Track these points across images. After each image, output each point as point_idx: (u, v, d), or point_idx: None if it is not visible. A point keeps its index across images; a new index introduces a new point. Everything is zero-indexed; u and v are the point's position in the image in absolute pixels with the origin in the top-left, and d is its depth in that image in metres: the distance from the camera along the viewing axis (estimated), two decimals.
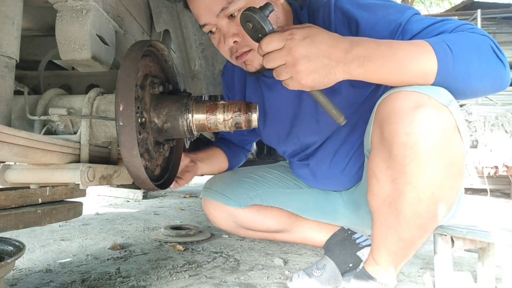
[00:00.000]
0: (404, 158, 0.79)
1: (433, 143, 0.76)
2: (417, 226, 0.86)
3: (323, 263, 1.21)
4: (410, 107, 0.77)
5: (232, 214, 1.33)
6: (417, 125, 0.76)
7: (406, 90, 0.79)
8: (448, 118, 0.77)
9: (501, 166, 4.24)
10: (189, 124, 0.88)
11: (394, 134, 0.79)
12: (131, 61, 0.77)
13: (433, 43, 0.77)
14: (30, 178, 0.80)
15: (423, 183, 0.80)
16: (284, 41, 0.73)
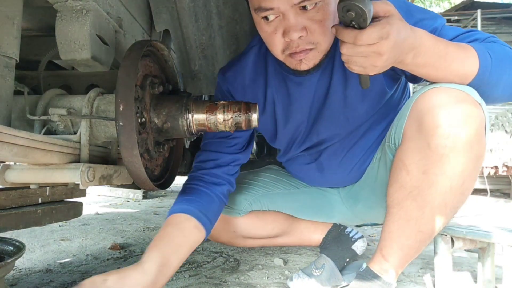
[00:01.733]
0: (443, 148, 0.83)
1: (471, 136, 0.82)
2: (439, 217, 0.89)
3: (321, 262, 1.21)
4: (452, 101, 0.82)
5: (232, 224, 1.29)
6: (459, 118, 0.81)
7: (446, 86, 0.85)
8: (482, 115, 0.83)
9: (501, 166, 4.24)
10: (189, 124, 0.88)
11: (437, 125, 0.83)
12: (131, 61, 0.77)
13: (478, 49, 0.83)
14: (30, 178, 0.80)
15: (456, 173, 0.85)
16: (379, 39, 0.70)
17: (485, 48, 0.84)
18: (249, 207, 1.29)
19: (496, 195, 4.87)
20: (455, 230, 1.08)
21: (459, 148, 0.82)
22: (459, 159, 0.83)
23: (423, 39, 0.78)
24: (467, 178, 0.86)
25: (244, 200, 1.28)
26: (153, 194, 3.94)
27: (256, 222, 1.31)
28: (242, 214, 1.29)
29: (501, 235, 1.01)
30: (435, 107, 0.84)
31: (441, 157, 0.84)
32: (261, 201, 1.31)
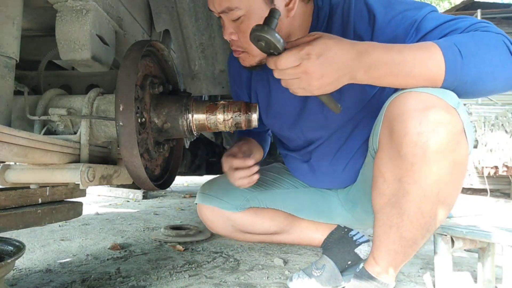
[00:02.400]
0: (413, 157, 0.81)
1: (442, 143, 0.78)
2: (420, 225, 0.86)
3: (322, 263, 1.21)
4: (421, 107, 0.78)
5: (229, 218, 1.32)
6: (428, 125, 0.78)
7: (416, 91, 0.80)
8: (456, 120, 0.79)
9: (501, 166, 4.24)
10: (189, 124, 0.88)
11: (405, 133, 0.81)
12: (131, 61, 0.77)
13: (443, 46, 0.78)
14: (30, 178, 0.80)
15: (429, 182, 0.81)
16: (300, 60, 0.75)
17: (453, 43, 0.78)
18: (247, 203, 1.31)
19: (496, 195, 4.87)
20: (455, 230, 1.08)
21: (430, 157, 0.79)
22: (430, 168, 0.80)
23: (369, 51, 0.78)
24: (444, 187, 0.82)
25: (241, 196, 1.31)
26: (153, 194, 3.94)
27: (254, 219, 1.33)
28: (240, 210, 1.31)
29: (501, 235, 1.01)
30: (404, 113, 0.81)
31: (411, 166, 0.81)
32: (259, 198, 1.32)
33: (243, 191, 1.31)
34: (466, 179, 5.07)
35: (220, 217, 1.33)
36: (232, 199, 1.30)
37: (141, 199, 3.67)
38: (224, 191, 1.32)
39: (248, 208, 1.32)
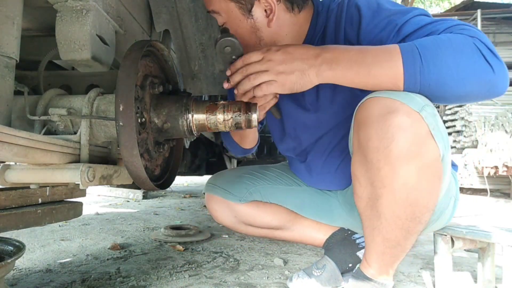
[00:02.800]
0: (378, 162, 0.83)
1: (404, 148, 0.79)
2: (399, 227, 0.87)
3: (323, 263, 1.21)
4: (383, 113, 0.80)
5: (232, 209, 1.34)
6: (388, 130, 0.79)
7: (381, 96, 0.82)
8: (418, 124, 0.79)
9: (501, 166, 4.24)
10: (189, 124, 0.88)
11: (368, 139, 0.83)
12: (131, 61, 0.77)
13: (404, 48, 0.79)
14: (30, 178, 0.80)
15: (397, 186, 0.82)
16: (262, 54, 0.86)
17: (415, 46, 0.79)
18: (250, 196, 1.33)
19: (496, 195, 4.87)
20: (455, 230, 1.08)
21: (393, 162, 0.80)
22: (396, 172, 0.81)
23: (331, 48, 0.84)
24: (413, 191, 0.82)
25: (245, 189, 1.33)
26: (153, 194, 3.94)
27: (256, 212, 1.34)
28: (243, 202, 1.33)
29: (501, 235, 1.01)
30: (367, 119, 0.83)
31: (378, 171, 0.83)
32: (261, 192, 1.34)
33: (247, 184, 1.34)
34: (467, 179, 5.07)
35: (224, 208, 1.35)
36: (237, 191, 1.33)
37: (141, 199, 3.67)
38: (229, 183, 1.35)
39: (251, 201, 1.34)
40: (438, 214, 1.01)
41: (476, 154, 4.75)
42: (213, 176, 1.44)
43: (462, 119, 5.97)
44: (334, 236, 1.29)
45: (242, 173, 1.40)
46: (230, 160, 3.20)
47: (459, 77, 0.78)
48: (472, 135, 5.45)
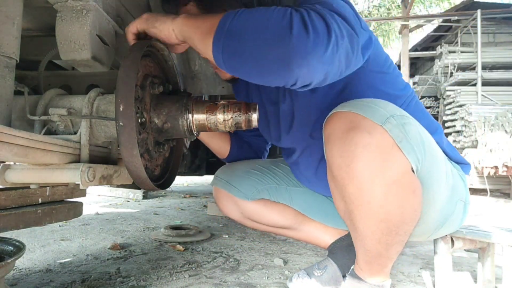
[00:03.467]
0: (343, 180, 0.82)
1: (366, 165, 0.77)
2: (376, 240, 0.87)
3: (324, 264, 1.21)
4: (344, 129, 0.79)
5: (239, 205, 1.34)
6: (349, 148, 0.78)
7: (344, 110, 0.81)
8: (381, 138, 0.77)
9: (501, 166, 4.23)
10: (189, 124, 0.88)
11: (331, 156, 0.83)
12: (131, 61, 0.77)
13: (226, 15, 0.73)
14: (30, 178, 0.80)
15: (364, 202, 0.82)
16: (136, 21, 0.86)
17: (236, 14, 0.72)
18: (258, 194, 1.32)
19: (496, 195, 4.87)
20: (455, 230, 1.08)
21: (358, 179, 0.79)
22: (360, 189, 0.80)
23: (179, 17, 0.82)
24: (380, 207, 0.80)
25: (253, 187, 1.32)
26: (153, 194, 3.94)
27: (263, 211, 1.33)
28: (250, 200, 1.32)
29: (501, 235, 1.01)
30: (330, 135, 0.83)
31: (344, 188, 0.83)
32: (270, 192, 1.33)
33: (255, 182, 1.32)
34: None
35: (231, 203, 1.35)
36: (244, 187, 1.32)
37: (141, 199, 3.67)
38: (237, 179, 1.34)
39: (258, 199, 1.32)
40: (441, 221, 0.98)
41: (476, 154, 4.75)
42: (222, 168, 1.42)
43: (462, 119, 5.97)
44: (341, 240, 1.28)
45: (251, 167, 1.37)
46: None
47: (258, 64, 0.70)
48: (472, 135, 5.45)
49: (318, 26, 0.67)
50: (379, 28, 14.64)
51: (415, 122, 0.86)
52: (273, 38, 0.67)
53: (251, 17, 0.71)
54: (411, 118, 0.85)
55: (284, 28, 0.67)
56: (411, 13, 9.13)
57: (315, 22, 0.67)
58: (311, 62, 0.67)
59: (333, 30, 0.68)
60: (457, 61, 6.87)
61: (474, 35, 6.86)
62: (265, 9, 0.72)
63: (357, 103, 0.82)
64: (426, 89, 8.27)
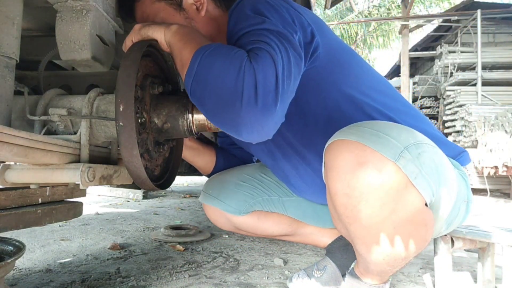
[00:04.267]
0: (347, 219, 0.77)
1: (375, 206, 0.71)
2: (379, 268, 0.86)
3: (323, 264, 1.21)
4: (351, 164, 0.72)
5: (231, 220, 1.30)
6: (355, 188, 0.71)
7: (349, 138, 0.74)
8: (394, 177, 0.70)
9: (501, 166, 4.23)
10: (189, 124, 0.88)
11: (335, 193, 0.76)
12: (131, 62, 0.77)
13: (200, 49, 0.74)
14: (30, 178, 0.80)
15: (370, 242, 0.77)
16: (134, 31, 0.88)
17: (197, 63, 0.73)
18: (250, 208, 1.29)
19: (496, 195, 4.87)
20: (455, 230, 1.08)
21: (363, 222, 0.74)
22: (368, 232, 0.75)
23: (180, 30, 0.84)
24: (389, 246, 0.76)
25: (244, 202, 1.28)
26: (153, 194, 3.94)
27: (257, 223, 1.31)
28: (243, 214, 1.29)
29: (501, 235, 1.01)
30: (333, 169, 0.75)
31: (349, 226, 0.79)
32: (262, 204, 1.30)
33: (246, 196, 1.28)
34: None
35: (222, 218, 1.32)
36: (236, 203, 1.27)
37: (141, 199, 3.67)
38: (227, 194, 1.28)
39: (251, 212, 1.29)
40: (446, 226, 0.97)
41: (476, 154, 4.75)
42: (208, 183, 1.36)
43: (462, 119, 5.98)
44: (339, 240, 1.27)
45: (240, 179, 1.31)
46: None
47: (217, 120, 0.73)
48: (472, 135, 5.45)
49: (268, 88, 0.68)
50: (379, 28, 14.64)
51: (428, 143, 0.79)
52: (227, 101, 0.69)
53: (212, 66, 0.71)
54: (424, 141, 0.78)
55: (236, 93, 0.68)
56: (411, 13, 9.13)
57: (266, 83, 0.68)
58: (260, 129, 0.70)
59: (280, 77, 0.69)
60: (457, 61, 6.87)
61: (474, 35, 6.86)
62: (223, 58, 0.71)
63: (365, 130, 0.74)
64: (426, 89, 8.28)
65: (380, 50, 16.01)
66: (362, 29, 14.48)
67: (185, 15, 0.97)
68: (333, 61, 0.93)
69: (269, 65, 0.69)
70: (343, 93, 0.94)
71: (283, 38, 0.75)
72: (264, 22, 0.79)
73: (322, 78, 0.92)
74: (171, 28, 0.84)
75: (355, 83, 0.96)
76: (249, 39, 0.76)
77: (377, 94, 0.97)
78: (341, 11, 14.21)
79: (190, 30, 0.85)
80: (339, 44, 0.99)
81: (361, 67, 1.01)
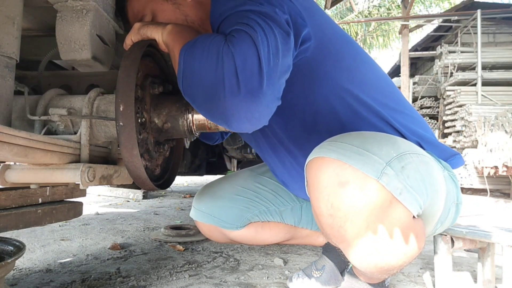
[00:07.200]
0: (334, 238, 0.76)
1: (361, 227, 0.70)
2: (371, 276, 0.87)
3: (322, 264, 1.21)
4: (332, 184, 0.70)
5: (227, 234, 1.27)
6: (339, 209, 0.70)
7: (329, 156, 0.71)
8: (377, 195, 0.68)
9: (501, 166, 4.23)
10: (189, 124, 0.88)
11: (319, 213, 0.74)
12: (131, 61, 0.77)
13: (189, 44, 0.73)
14: (30, 178, 0.80)
15: (358, 258, 0.75)
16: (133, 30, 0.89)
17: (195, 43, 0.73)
18: (247, 221, 1.26)
19: (496, 195, 4.87)
20: (455, 230, 1.08)
21: (350, 241, 0.72)
22: (355, 249, 0.73)
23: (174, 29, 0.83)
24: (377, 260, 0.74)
25: (241, 217, 1.24)
26: (153, 194, 3.94)
27: (255, 235, 1.29)
28: (240, 229, 1.26)
29: (501, 235, 1.01)
30: (315, 189, 0.73)
31: (338, 244, 0.77)
32: (260, 216, 1.28)
33: (242, 211, 1.23)
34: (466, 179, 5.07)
35: (217, 232, 1.27)
36: (232, 219, 1.23)
37: (141, 199, 3.67)
38: (222, 210, 1.23)
39: (248, 224, 1.26)
40: (436, 227, 0.95)
41: (476, 154, 4.75)
42: (200, 197, 1.28)
43: (462, 119, 5.97)
44: None
45: (234, 193, 1.25)
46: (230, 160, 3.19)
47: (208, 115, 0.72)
48: (472, 135, 5.45)
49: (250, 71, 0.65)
50: (379, 28, 14.65)
51: (412, 151, 0.77)
52: (212, 93, 0.67)
53: (194, 59, 0.71)
54: (408, 151, 0.76)
55: (218, 83, 0.66)
56: (411, 13, 9.13)
57: (247, 65, 0.65)
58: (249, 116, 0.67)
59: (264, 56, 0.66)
60: (457, 61, 6.87)
61: (474, 35, 6.86)
62: (202, 48, 0.70)
63: (345, 146, 0.72)
64: (426, 89, 8.28)
65: (380, 50, 16.01)
66: (362, 29, 14.48)
67: (173, 1, 0.95)
68: (324, 52, 0.88)
69: (248, 46, 0.66)
70: (332, 87, 0.90)
71: (266, 17, 0.72)
72: (245, 4, 0.76)
73: (312, 70, 0.88)
74: (166, 28, 0.83)
75: (346, 76, 0.90)
76: (229, 22, 0.74)
77: (369, 89, 0.92)
78: (341, 11, 14.21)
79: (182, 28, 0.84)
80: (334, 32, 0.92)
81: (353, 59, 0.94)
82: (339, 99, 0.89)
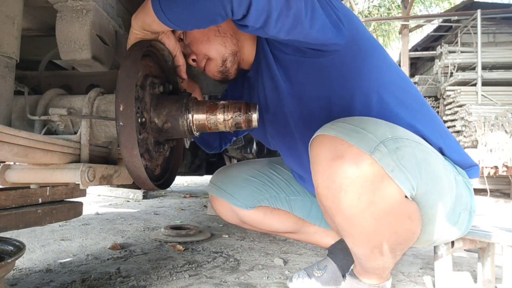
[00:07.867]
0: (330, 210, 0.80)
1: (354, 198, 0.74)
2: (371, 261, 0.87)
3: (324, 264, 1.21)
4: (329, 157, 0.75)
5: (237, 213, 1.31)
6: (334, 180, 0.74)
7: (330, 133, 0.77)
8: (370, 169, 0.72)
9: (501, 166, 4.23)
10: (189, 124, 0.88)
11: (317, 185, 0.80)
12: (131, 61, 0.77)
13: None
14: (30, 178, 0.80)
15: (355, 233, 0.80)
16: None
17: None
18: (257, 203, 1.29)
19: (496, 195, 4.87)
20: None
21: (345, 211, 0.76)
22: (350, 221, 0.77)
23: None
24: (372, 236, 0.79)
25: (252, 197, 1.28)
26: (153, 194, 3.94)
27: (263, 219, 1.31)
28: (250, 209, 1.29)
29: (501, 235, 1.01)
30: (314, 163, 0.79)
31: (333, 217, 0.81)
32: (269, 201, 1.30)
33: (254, 191, 1.28)
34: None
35: (229, 210, 1.32)
36: (243, 197, 1.28)
37: (141, 199, 3.67)
38: (235, 188, 1.29)
39: (258, 206, 1.30)
40: (445, 231, 0.95)
41: (476, 154, 4.75)
42: (217, 174, 1.37)
43: (462, 119, 5.97)
44: (341, 242, 1.27)
45: (249, 174, 1.31)
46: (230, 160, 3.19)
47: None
48: (472, 135, 5.45)
49: None
50: (379, 28, 14.64)
51: (411, 139, 0.81)
52: None
53: None
54: (406, 137, 0.79)
55: None
56: (411, 13, 9.13)
57: None
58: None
59: None
60: (457, 61, 6.86)
61: (474, 35, 6.86)
62: None
63: (345, 125, 0.77)
64: (426, 89, 8.27)
65: None
66: None
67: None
68: (355, 49, 0.92)
69: None
70: (370, 84, 0.93)
71: None
72: None
73: (346, 66, 0.91)
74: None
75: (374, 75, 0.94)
76: None
77: (400, 92, 0.96)
78: None
79: None
80: (366, 32, 0.97)
81: (383, 59, 0.98)
82: (376, 94, 0.92)
